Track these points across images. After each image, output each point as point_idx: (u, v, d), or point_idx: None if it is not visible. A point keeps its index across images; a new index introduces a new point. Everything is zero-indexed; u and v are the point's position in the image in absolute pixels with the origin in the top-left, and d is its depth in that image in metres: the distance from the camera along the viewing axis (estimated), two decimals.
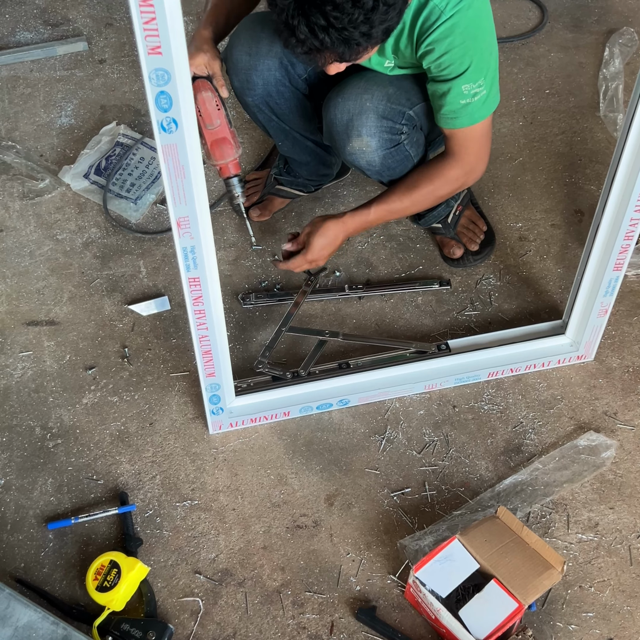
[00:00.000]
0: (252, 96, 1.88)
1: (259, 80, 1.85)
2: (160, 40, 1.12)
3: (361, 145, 1.79)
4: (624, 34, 2.69)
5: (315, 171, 2.14)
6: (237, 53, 1.84)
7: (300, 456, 1.78)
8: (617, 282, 1.76)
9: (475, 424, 1.83)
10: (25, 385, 1.88)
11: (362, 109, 1.75)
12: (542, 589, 1.51)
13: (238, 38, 1.84)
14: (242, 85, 1.87)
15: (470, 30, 1.58)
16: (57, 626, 1.42)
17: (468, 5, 1.55)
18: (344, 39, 1.42)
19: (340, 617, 1.57)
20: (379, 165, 1.82)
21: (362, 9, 1.39)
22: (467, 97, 1.66)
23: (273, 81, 1.86)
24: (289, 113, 1.94)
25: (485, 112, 1.71)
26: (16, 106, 2.50)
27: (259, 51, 1.83)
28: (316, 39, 1.42)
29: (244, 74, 1.85)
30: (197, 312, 1.52)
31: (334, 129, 1.81)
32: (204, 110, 1.67)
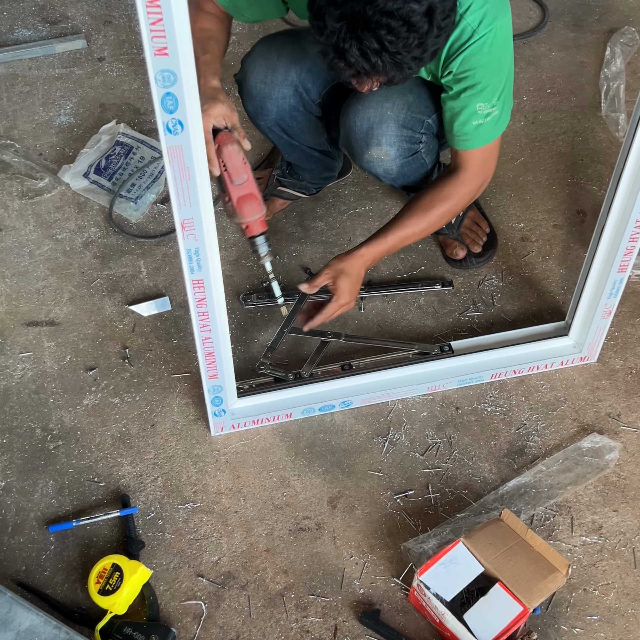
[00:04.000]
0: (265, 120, 1.90)
1: (274, 108, 1.86)
2: (167, 42, 1.11)
3: (380, 154, 1.78)
4: (625, 33, 2.69)
5: (319, 175, 2.14)
6: (253, 80, 1.84)
7: (302, 458, 1.77)
8: (622, 284, 1.76)
9: (478, 426, 1.83)
10: (26, 386, 1.87)
11: (382, 118, 1.74)
12: (546, 592, 1.51)
13: (254, 64, 1.84)
14: (256, 110, 1.88)
15: (497, 50, 1.58)
16: (59, 630, 1.41)
17: (499, 26, 1.55)
18: (396, 63, 1.40)
19: (343, 620, 1.56)
20: (396, 173, 1.82)
21: (417, 33, 1.37)
22: (480, 117, 1.65)
23: (287, 107, 1.87)
24: (300, 133, 1.95)
25: (496, 132, 1.71)
26: (15, 104, 2.49)
27: (275, 80, 1.83)
28: (368, 63, 1.40)
29: (259, 101, 1.86)
30: (200, 313, 1.51)
31: (352, 136, 1.81)
32: (231, 165, 1.55)
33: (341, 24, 1.36)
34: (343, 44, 1.38)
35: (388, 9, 1.33)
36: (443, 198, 1.77)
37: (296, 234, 2.19)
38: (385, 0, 1.33)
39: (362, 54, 1.38)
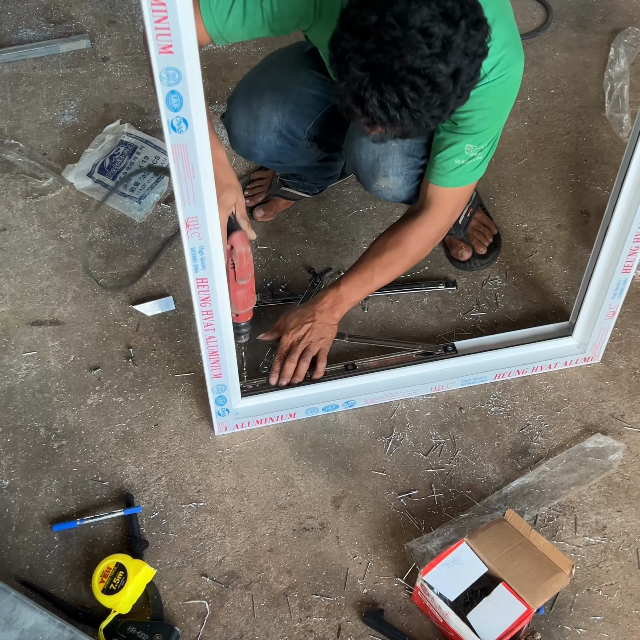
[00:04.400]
0: (254, 160, 1.96)
1: (260, 151, 1.88)
2: (172, 39, 1.11)
3: (388, 184, 1.78)
4: (629, 33, 2.68)
5: (321, 176, 2.14)
6: (237, 129, 1.85)
7: (306, 458, 1.77)
8: (626, 284, 1.76)
9: (482, 426, 1.83)
10: (30, 385, 1.87)
11: (387, 149, 1.73)
12: (550, 592, 1.51)
13: (236, 113, 1.84)
14: (244, 154, 1.92)
15: (501, 98, 1.56)
16: (63, 629, 1.41)
17: (510, 74, 1.53)
18: (415, 120, 1.36)
19: (347, 620, 1.56)
20: (405, 197, 1.82)
21: (441, 94, 1.33)
22: (464, 158, 1.64)
23: (274, 149, 1.88)
24: (292, 160, 1.97)
25: (471, 178, 1.71)
26: (19, 104, 2.49)
27: (258, 128, 1.83)
28: (386, 115, 1.35)
29: (245, 147, 1.88)
30: (204, 312, 1.51)
31: (358, 167, 1.81)
32: (240, 266, 1.57)
33: (365, 73, 1.31)
34: (364, 92, 1.33)
35: (416, 66, 1.28)
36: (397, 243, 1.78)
37: (300, 233, 2.19)
38: (414, 57, 1.28)
39: (381, 106, 1.33)
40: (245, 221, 1.59)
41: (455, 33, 1.28)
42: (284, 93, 1.83)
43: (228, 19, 1.57)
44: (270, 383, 1.80)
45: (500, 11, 1.51)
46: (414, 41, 1.27)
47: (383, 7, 1.28)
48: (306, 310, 1.83)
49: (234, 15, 1.57)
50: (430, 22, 1.27)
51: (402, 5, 1.26)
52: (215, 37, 1.62)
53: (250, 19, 1.58)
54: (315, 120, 1.89)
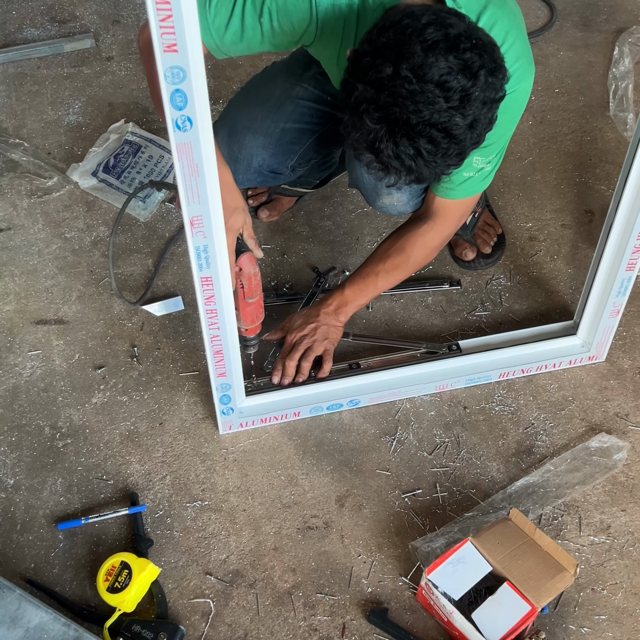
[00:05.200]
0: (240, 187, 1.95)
1: (241, 185, 1.88)
2: (176, 38, 1.11)
3: (392, 201, 1.77)
4: (634, 32, 2.68)
5: (317, 171, 2.13)
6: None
7: (310, 457, 1.77)
8: (630, 283, 1.75)
9: (486, 425, 1.83)
10: (35, 384, 1.87)
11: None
12: (554, 591, 1.51)
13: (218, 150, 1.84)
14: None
15: (511, 112, 1.53)
16: (68, 627, 1.41)
17: (521, 88, 1.50)
18: (431, 169, 1.33)
19: (351, 619, 1.56)
20: (411, 211, 1.82)
21: (458, 145, 1.30)
22: (473, 170, 1.62)
23: (256, 183, 1.95)
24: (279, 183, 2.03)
25: (480, 188, 1.69)
26: (23, 103, 2.49)
27: (237, 169, 1.85)
28: (401, 165, 1.32)
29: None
30: (208, 311, 1.51)
31: (361, 186, 1.81)
32: (248, 286, 1.59)
33: (380, 126, 1.28)
34: (379, 144, 1.30)
35: (433, 121, 1.25)
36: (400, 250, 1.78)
37: (304, 233, 2.19)
38: (431, 112, 1.24)
39: (396, 157, 1.30)
40: (253, 240, 1.60)
41: (474, 85, 1.25)
42: (265, 136, 1.84)
43: (226, 33, 1.53)
44: (272, 382, 1.81)
45: (513, 24, 1.48)
46: (431, 95, 1.23)
47: (399, 59, 1.24)
48: (311, 311, 1.84)
49: (232, 30, 1.52)
50: (448, 76, 1.23)
51: (419, 58, 1.23)
52: (214, 51, 1.58)
53: (249, 34, 1.53)
54: (300, 154, 1.91)
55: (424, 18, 1.26)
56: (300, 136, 1.88)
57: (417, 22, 1.26)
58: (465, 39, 1.25)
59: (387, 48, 1.26)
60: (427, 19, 1.26)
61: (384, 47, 1.27)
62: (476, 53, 1.25)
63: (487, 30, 1.38)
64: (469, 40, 1.26)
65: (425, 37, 1.24)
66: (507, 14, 1.48)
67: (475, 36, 1.27)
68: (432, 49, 1.23)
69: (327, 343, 1.82)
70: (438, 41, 1.24)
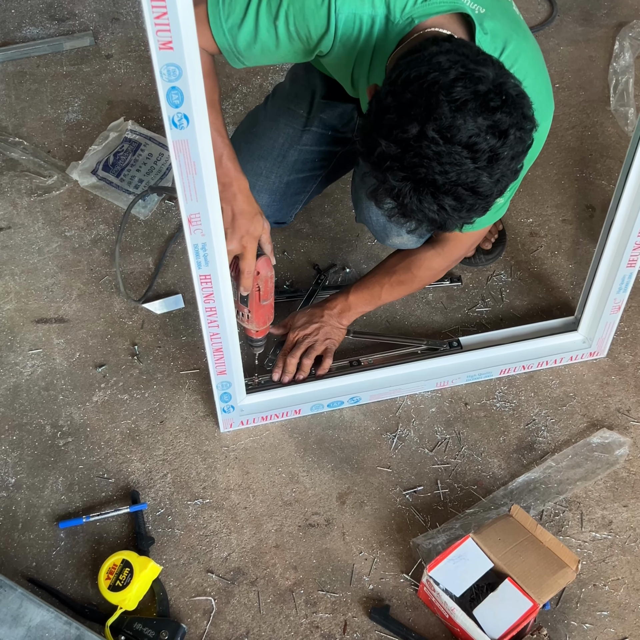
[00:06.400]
0: None
1: None
2: (172, 35, 1.11)
3: (402, 241, 1.76)
4: (634, 27, 2.67)
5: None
6: None
7: (311, 454, 1.77)
8: (631, 279, 1.75)
9: (487, 422, 1.82)
10: (35, 383, 1.87)
11: None
12: (556, 587, 1.50)
13: None
14: None
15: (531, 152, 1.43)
16: (70, 626, 1.41)
17: (542, 129, 1.45)
18: (455, 221, 1.28)
19: (353, 616, 1.56)
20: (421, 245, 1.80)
21: (483, 201, 1.25)
22: None
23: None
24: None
25: (494, 219, 1.68)
26: (23, 102, 2.49)
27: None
28: (424, 217, 1.27)
29: None
30: (208, 309, 1.51)
31: (370, 227, 1.81)
32: (264, 289, 1.61)
33: (404, 184, 1.22)
34: (402, 199, 1.24)
35: (460, 181, 1.20)
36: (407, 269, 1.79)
37: (304, 230, 2.19)
38: (458, 173, 1.19)
39: (420, 210, 1.25)
40: (270, 245, 1.61)
41: (504, 145, 1.19)
42: (270, 193, 1.86)
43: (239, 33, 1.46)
44: (272, 379, 1.81)
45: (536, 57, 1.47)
46: (458, 157, 1.18)
47: (425, 119, 1.17)
48: (315, 311, 1.85)
49: (246, 30, 1.45)
50: (477, 137, 1.17)
51: (447, 120, 1.16)
52: (228, 53, 1.51)
53: (264, 36, 1.45)
54: (304, 202, 1.94)
55: (451, 73, 1.17)
56: (304, 185, 1.91)
57: (445, 78, 1.17)
58: (494, 96, 1.18)
59: (413, 106, 1.18)
60: (455, 73, 1.18)
61: (410, 104, 1.19)
62: (506, 112, 1.19)
63: (511, 63, 1.34)
64: (499, 97, 1.18)
65: (453, 97, 1.16)
66: (530, 47, 1.45)
67: (505, 91, 1.20)
68: (460, 109, 1.16)
69: (329, 343, 1.83)
70: (467, 101, 1.16)
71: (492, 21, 1.40)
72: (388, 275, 1.82)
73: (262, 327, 1.71)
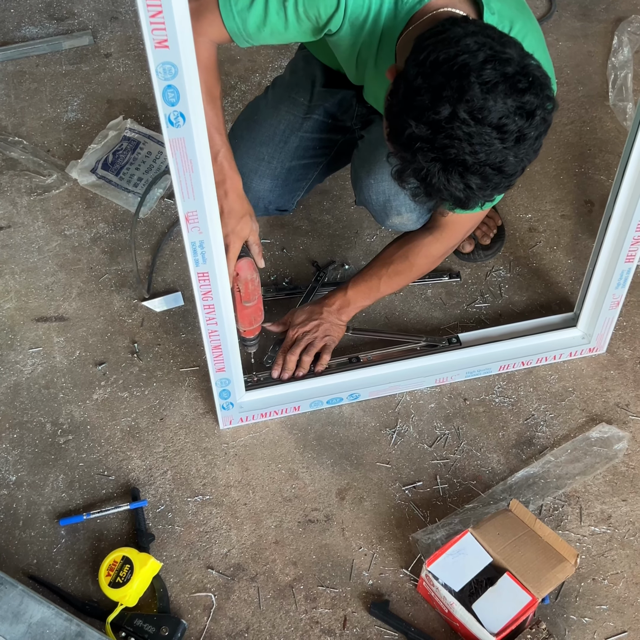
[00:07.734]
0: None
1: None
2: (167, 34, 1.11)
3: (402, 220, 1.77)
4: (633, 22, 2.67)
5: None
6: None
7: (311, 450, 1.78)
8: (629, 274, 1.75)
9: (486, 417, 1.83)
10: (36, 381, 1.88)
11: (398, 189, 1.67)
12: (555, 582, 1.51)
13: None
14: None
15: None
16: (70, 622, 1.42)
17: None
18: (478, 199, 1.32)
19: (353, 611, 1.56)
20: (420, 226, 1.80)
21: (508, 179, 1.28)
22: None
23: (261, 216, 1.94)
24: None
25: (494, 200, 1.67)
26: (22, 101, 2.50)
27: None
28: (449, 196, 1.30)
29: None
30: (206, 307, 1.51)
31: (369, 207, 1.81)
32: (245, 291, 1.61)
33: (433, 164, 1.25)
34: (430, 179, 1.27)
35: (490, 161, 1.23)
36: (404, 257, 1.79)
37: (303, 227, 2.19)
38: (487, 153, 1.22)
39: (446, 189, 1.28)
40: (258, 248, 1.61)
41: (530, 125, 1.23)
42: (272, 178, 1.86)
43: (249, 16, 1.48)
44: (272, 376, 1.81)
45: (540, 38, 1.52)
46: (488, 138, 1.21)
47: (457, 101, 1.20)
48: (315, 308, 1.85)
49: (256, 13, 1.47)
50: (507, 119, 1.21)
51: (479, 102, 1.19)
52: (237, 37, 1.53)
53: (273, 18, 1.48)
54: (306, 189, 1.94)
55: (480, 55, 1.21)
56: (306, 171, 1.91)
57: (474, 60, 1.21)
58: (522, 77, 1.22)
59: (444, 88, 1.21)
60: (483, 55, 1.21)
61: (441, 86, 1.21)
62: (534, 93, 1.22)
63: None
64: (526, 79, 1.22)
65: (484, 79, 1.19)
66: (535, 28, 1.49)
67: (531, 72, 1.24)
68: (491, 91, 1.20)
69: (328, 340, 1.83)
70: (497, 83, 1.20)
71: (499, 2, 1.45)
72: (385, 267, 1.82)
73: (247, 327, 1.70)
